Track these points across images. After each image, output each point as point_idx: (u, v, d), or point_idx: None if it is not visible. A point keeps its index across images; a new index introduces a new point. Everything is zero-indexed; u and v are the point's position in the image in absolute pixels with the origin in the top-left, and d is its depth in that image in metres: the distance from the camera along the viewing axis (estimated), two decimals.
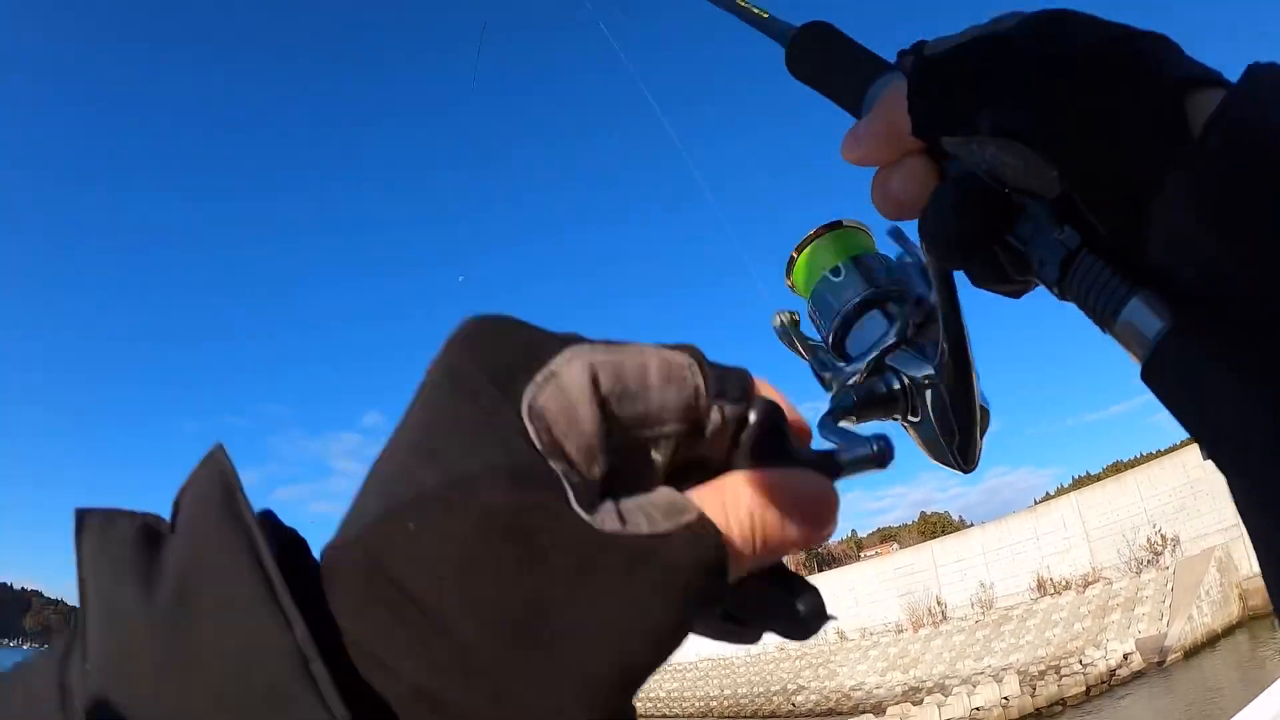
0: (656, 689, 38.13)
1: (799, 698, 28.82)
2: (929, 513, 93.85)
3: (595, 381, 0.24)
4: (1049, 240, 0.36)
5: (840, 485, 0.28)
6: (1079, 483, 61.61)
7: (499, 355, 0.24)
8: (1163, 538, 23.95)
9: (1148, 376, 0.31)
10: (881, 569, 36.03)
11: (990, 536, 31.64)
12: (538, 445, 0.23)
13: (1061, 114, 0.34)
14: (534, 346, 0.25)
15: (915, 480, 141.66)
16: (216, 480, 0.24)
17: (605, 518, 0.22)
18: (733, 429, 0.27)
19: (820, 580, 39.21)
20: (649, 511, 0.23)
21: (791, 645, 36.46)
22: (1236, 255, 0.28)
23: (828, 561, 77.17)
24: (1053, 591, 26.72)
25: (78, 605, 0.24)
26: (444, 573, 0.21)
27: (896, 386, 0.51)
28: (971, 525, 46.45)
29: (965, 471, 0.52)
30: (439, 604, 0.21)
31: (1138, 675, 18.10)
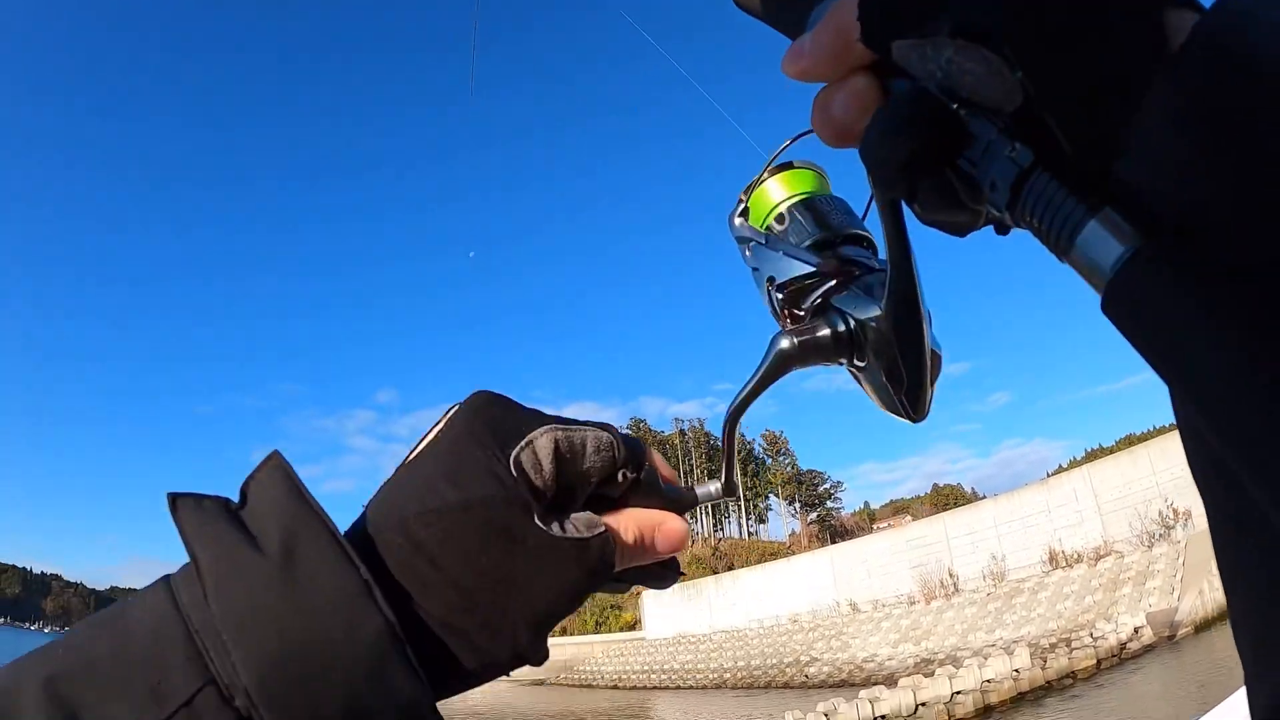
0: (671, 661, 38.64)
1: (811, 669, 29.15)
2: (941, 485, 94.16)
3: (557, 448, 0.41)
4: (1000, 159, 0.32)
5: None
6: (1091, 455, 61.35)
7: (500, 423, 0.41)
8: (1175, 511, 23.99)
9: (1107, 307, 0.28)
10: (894, 541, 36.19)
11: (1002, 509, 31.72)
12: (519, 483, 0.39)
13: (1038, 12, 0.30)
14: (522, 422, 0.41)
15: (928, 451, 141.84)
16: (281, 471, 0.38)
17: (554, 527, 0.39)
18: (630, 482, 0.45)
19: (833, 552, 39.39)
20: (577, 524, 0.41)
21: (804, 618, 36.89)
22: (1218, 177, 0.25)
23: (841, 533, 77.75)
24: (1064, 564, 26.83)
25: (189, 558, 0.34)
26: (460, 551, 0.37)
27: (841, 329, 0.49)
28: (984, 497, 46.65)
29: (914, 421, 0.49)
30: (456, 570, 0.37)
31: (1148, 649, 18.25)
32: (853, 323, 0.48)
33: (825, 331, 0.49)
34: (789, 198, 0.56)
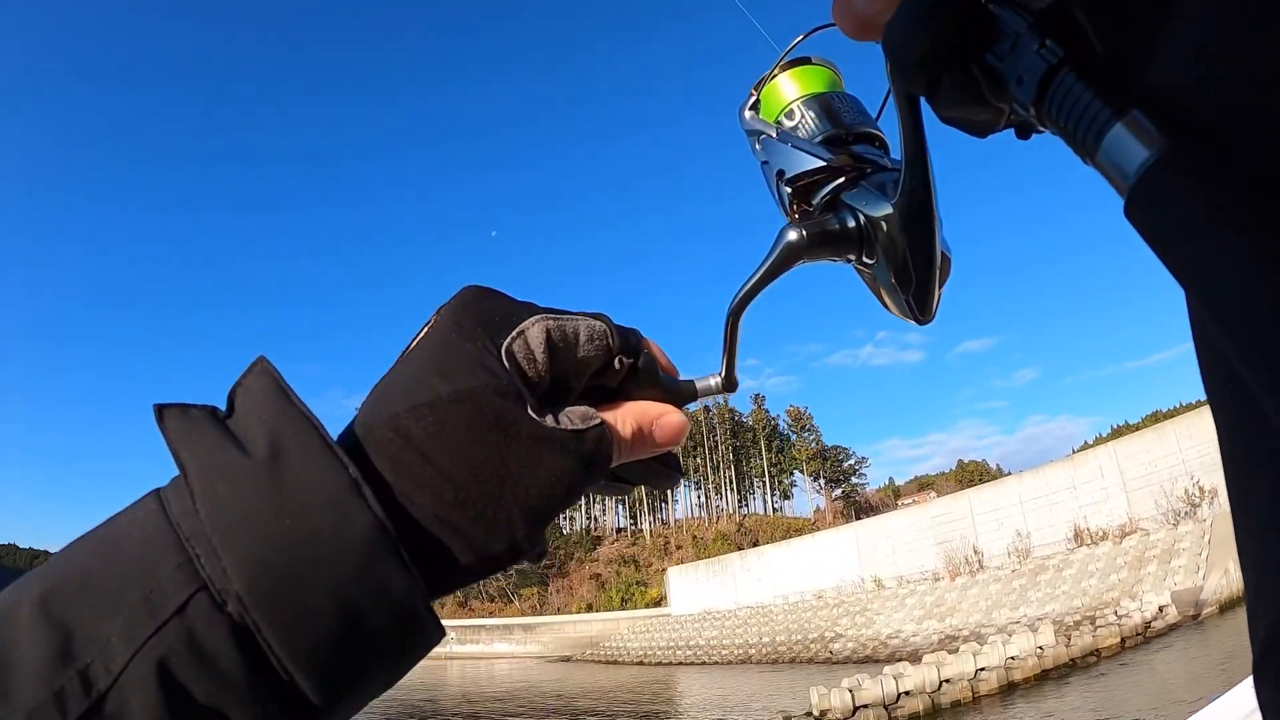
0: (696, 637, 39.18)
1: (836, 645, 29.48)
2: (966, 461, 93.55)
3: (549, 337, 0.40)
4: (1029, 54, 0.31)
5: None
6: (1117, 432, 60.74)
7: (490, 315, 0.40)
8: (1200, 489, 23.90)
9: (1130, 211, 0.27)
10: (919, 517, 36.32)
11: (1027, 486, 31.75)
12: (510, 374, 0.38)
13: None
14: (512, 313, 0.40)
15: (953, 428, 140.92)
16: (267, 376, 0.37)
17: (548, 419, 0.38)
18: (626, 372, 0.44)
19: (858, 528, 39.43)
20: (572, 417, 0.39)
21: (829, 594, 37.19)
22: (1249, 81, 0.25)
23: (865, 510, 77.75)
24: (1089, 542, 26.84)
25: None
26: (452, 444, 0.36)
27: (851, 225, 0.48)
28: (1009, 474, 46.43)
29: (920, 322, 0.49)
30: (448, 463, 0.36)
31: (1173, 628, 18.31)
32: (863, 219, 0.48)
33: (835, 226, 0.48)
34: (802, 94, 0.56)
